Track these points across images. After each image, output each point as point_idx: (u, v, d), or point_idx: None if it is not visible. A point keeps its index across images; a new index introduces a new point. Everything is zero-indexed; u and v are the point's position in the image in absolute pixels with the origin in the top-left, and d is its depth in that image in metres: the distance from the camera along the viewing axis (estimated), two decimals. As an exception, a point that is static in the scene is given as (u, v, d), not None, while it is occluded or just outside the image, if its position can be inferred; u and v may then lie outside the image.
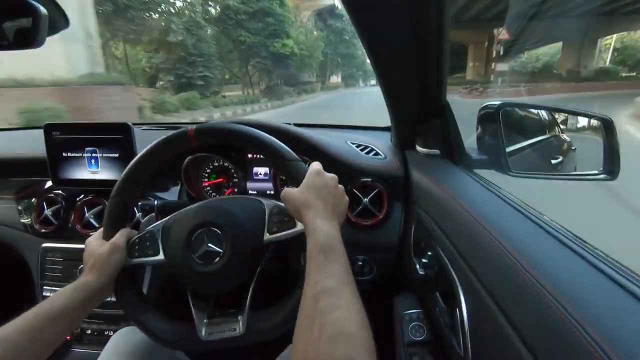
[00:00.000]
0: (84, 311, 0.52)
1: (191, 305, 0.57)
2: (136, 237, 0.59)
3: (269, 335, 0.54)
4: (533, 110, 0.96)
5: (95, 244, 0.56)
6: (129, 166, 0.58)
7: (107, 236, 0.57)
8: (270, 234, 0.56)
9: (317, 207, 0.49)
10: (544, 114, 0.99)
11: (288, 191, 0.53)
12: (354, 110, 11.88)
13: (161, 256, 0.57)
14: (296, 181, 0.54)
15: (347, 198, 0.56)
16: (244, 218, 0.56)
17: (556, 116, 1.01)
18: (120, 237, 0.57)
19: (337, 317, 0.35)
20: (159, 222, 0.59)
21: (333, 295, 0.38)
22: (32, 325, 0.46)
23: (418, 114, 0.79)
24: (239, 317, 0.55)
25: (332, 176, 0.55)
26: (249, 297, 0.56)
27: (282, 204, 0.56)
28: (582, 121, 0.92)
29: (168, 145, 0.58)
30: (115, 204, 0.59)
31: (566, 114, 1.01)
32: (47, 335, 0.47)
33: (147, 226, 0.60)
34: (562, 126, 0.99)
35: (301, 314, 0.38)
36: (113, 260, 0.55)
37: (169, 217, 0.60)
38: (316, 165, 0.56)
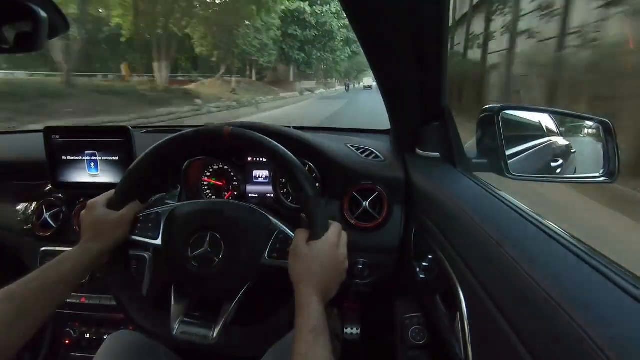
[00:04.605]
0: (84, 275, 0.54)
1: (172, 298, 0.57)
2: (142, 214, 0.59)
3: (238, 351, 0.54)
4: (532, 113, 0.96)
5: (102, 211, 0.57)
6: (159, 142, 0.58)
7: (116, 205, 0.58)
8: (269, 257, 0.55)
9: (317, 285, 0.48)
10: (543, 116, 0.99)
11: (297, 250, 0.50)
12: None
13: (159, 241, 0.57)
14: (309, 218, 0.52)
15: (345, 275, 0.54)
16: (249, 233, 0.56)
17: (555, 119, 1.01)
18: (129, 211, 0.58)
19: None
20: (168, 206, 0.59)
21: None
22: (40, 284, 0.48)
23: (418, 116, 0.79)
24: (214, 326, 0.54)
25: (343, 252, 0.53)
26: (230, 309, 0.55)
27: (290, 232, 0.55)
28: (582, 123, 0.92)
29: (200, 136, 0.58)
30: (133, 176, 0.58)
31: (566, 117, 1.02)
32: (54, 295, 0.49)
33: (156, 205, 0.60)
34: (561, 128, 1.00)
35: None
36: (117, 233, 0.56)
37: (178, 204, 0.60)
38: (333, 237, 0.52)
